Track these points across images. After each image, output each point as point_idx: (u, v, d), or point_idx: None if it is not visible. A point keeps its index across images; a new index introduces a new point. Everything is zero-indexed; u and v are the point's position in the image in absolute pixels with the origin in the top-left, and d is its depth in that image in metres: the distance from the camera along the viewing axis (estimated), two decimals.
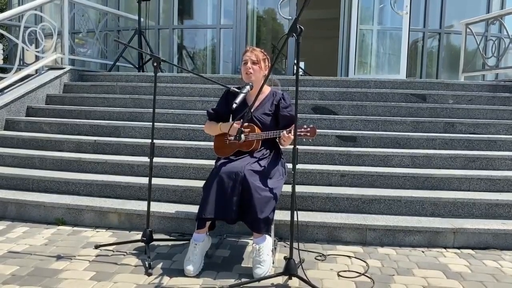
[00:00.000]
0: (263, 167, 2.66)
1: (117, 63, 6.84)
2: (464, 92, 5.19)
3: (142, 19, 6.91)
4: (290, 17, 6.91)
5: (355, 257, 2.88)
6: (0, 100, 4.92)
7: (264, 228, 2.53)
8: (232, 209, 2.51)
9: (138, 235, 3.03)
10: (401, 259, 2.89)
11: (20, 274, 2.52)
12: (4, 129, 4.88)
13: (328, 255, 2.91)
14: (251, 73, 2.80)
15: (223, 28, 7.51)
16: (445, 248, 3.09)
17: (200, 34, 8.01)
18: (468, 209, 3.38)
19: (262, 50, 2.89)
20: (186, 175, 3.81)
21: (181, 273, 2.55)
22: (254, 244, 2.57)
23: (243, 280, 2.46)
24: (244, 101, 2.77)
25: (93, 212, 3.43)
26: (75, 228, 3.37)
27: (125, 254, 2.85)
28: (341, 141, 4.24)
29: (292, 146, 2.42)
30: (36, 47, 5.83)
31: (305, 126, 2.59)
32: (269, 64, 2.88)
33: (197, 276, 2.53)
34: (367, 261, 2.81)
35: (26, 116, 5.14)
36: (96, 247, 2.91)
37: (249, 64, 2.80)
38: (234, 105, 2.66)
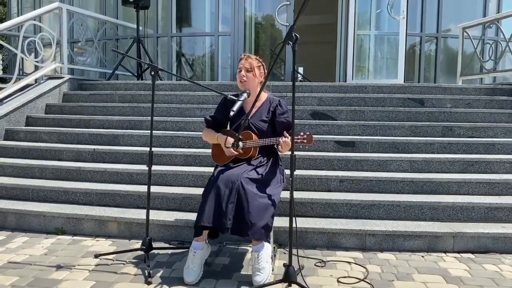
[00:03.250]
0: (260, 175, 2.67)
1: (116, 72, 6.87)
2: (462, 96, 5.20)
3: (140, 28, 6.95)
4: (288, 24, 6.94)
5: (354, 263, 2.88)
6: None
7: (263, 236, 2.53)
8: (228, 217, 2.50)
9: (137, 244, 3.04)
10: (400, 264, 2.89)
11: (20, 284, 2.52)
12: (4, 139, 4.89)
13: (328, 261, 2.91)
14: (245, 81, 2.82)
15: (221, 35, 7.55)
16: (444, 252, 3.09)
17: (198, 41, 8.04)
18: (467, 213, 3.38)
19: (257, 57, 2.90)
20: (185, 183, 3.82)
21: (180, 281, 2.56)
22: (253, 252, 2.57)
23: None
24: (241, 109, 2.78)
25: (92, 221, 3.43)
26: (75, 237, 3.37)
27: (125, 263, 2.85)
28: (340, 146, 4.25)
29: (290, 152, 2.43)
30: (36, 56, 5.88)
31: (301, 133, 2.60)
32: (265, 71, 2.89)
33: (197, 284, 2.53)
34: (366, 267, 2.81)
35: (25, 126, 5.16)
36: (96, 256, 2.92)
37: (243, 72, 2.82)
38: (232, 113, 2.67)
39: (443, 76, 7.76)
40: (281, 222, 3.13)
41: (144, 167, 3.82)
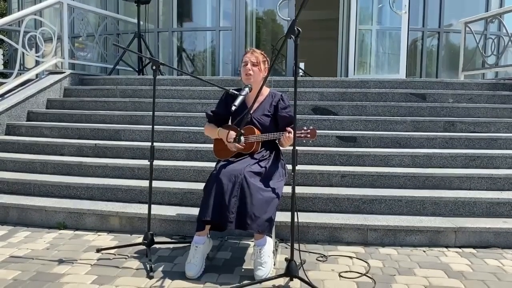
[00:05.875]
0: (263, 168, 2.67)
1: (117, 67, 6.85)
2: (464, 91, 5.19)
3: (141, 22, 6.93)
4: (289, 18, 6.92)
5: (356, 258, 2.88)
6: (0, 105, 4.93)
7: (267, 228, 2.53)
8: (231, 211, 2.49)
9: (139, 238, 3.04)
10: (402, 259, 2.89)
11: (22, 278, 2.52)
12: (5, 134, 4.89)
13: (329, 256, 2.91)
14: (250, 74, 2.81)
15: (223, 30, 7.53)
16: (446, 247, 3.09)
17: (199, 36, 8.03)
18: (469, 208, 3.38)
19: (262, 52, 2.90)
20: (187, 178, 3.82)
21: (182, 276, 2.56)
22: (255, 246, 2.58)
23: (245, 282, 2.46)
24: (243, 103, 2.77)
25: (94, 216, 3.44)
26: (77, 232, 3.38)
27: (127, 257, 2.85)
28: (341, 141, 4.24)
29: (292, 147, 2.42)
30: (36, 51, 5.86)
31: (305, 128, 2.60)
32: (269, 66, 2.89)
33: (199, 278, 2.53)
34: (368, 262, 2.81)
35: (27, 121, 5.16)
36: (98, 250, 2.92)
37: (249, 66, 2.81)
38: (234, 107, 2.66)
39: (445, 71, 7.74)
40: (282, 217, 3.13)
41: (145, 162, 3.82)
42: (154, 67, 2.86)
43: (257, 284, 2.43)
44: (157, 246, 2.99)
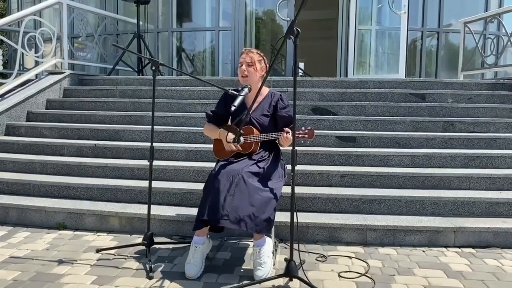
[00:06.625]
0: (262, 169, 2.67)
1: (117, 67, 6.85)
2: (463, 91, 5.19)
3: (141, 23, 6.93)
4: (289, 19, 6.92)
5: (355, 258, 2.89)
6: (0, 106, 4.93)
7: (265, 228, 2.53)
8: (226, 209, 2.47)
9: (139, 239, 3.04)
10: (401, 259, 2.89)
11: (21, 279, 2.52)
12: (5, 135, 4.89)
13: (329, 256, 2.91)
14: (246, 75, 2.81)
15: (222, 31, 7.53)
16: (445, 247, 3.09)
17: (199, 36, 8.03)
18: (468, 208, 3.38)
19: (259, 52, 2.88)
20: (187, 178, 3.82)
21: (182, 276, 2.56)
22: (254, 246, 2.58)
23: (244, 282, 2.46)
24: (243, 103, 2.77)
25: (94, 216, 3.44)
26: (76, 233, 3.38)
27: (127, 257, 2.86)
28: (341, 141, 4.24)
29: (291, 147, 2.43)
30: (36, 52, 5.86)
31: (303, 128, 2.60)
32: (266, 65, 2.88)
33: (198, 279, 2.54)
34: (367, 262, 2.81)
35: (26, 121, 5.16)
36: (98, 251, 2.92)
37: (243, 67, 2.80)
38: (233, 108, 2.66)
39: (445, 71, 7.74)
40: (282, 217, 3.13)
41: (145, 162, 3.82)
42: (153, 68, 2.87)
43: (256, 284, 2.43)
44: (156, 246, 2.99)
